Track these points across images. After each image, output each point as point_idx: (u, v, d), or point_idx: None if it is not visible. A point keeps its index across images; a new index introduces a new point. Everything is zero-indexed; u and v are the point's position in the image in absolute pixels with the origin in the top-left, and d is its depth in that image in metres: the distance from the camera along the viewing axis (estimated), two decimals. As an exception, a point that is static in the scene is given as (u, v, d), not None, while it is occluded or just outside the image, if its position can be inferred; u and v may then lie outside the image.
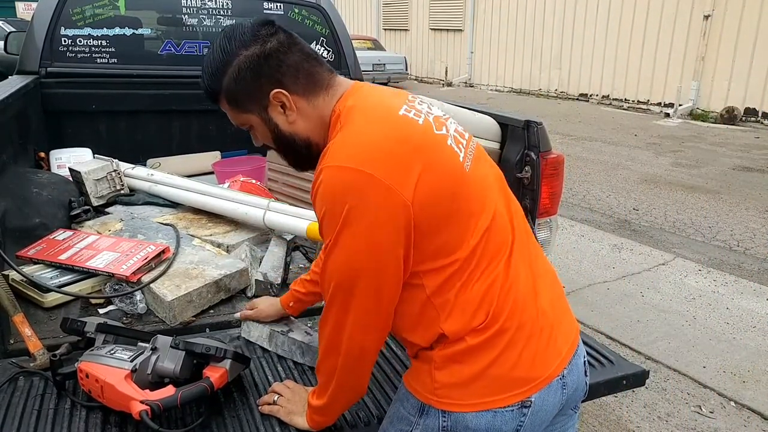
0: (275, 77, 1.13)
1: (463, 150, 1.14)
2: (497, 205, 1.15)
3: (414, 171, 1.03)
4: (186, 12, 3.27)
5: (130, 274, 1.83)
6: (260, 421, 1.36)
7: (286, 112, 1.16)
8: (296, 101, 1.15)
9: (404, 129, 1.08)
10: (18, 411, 1.36)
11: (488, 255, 1.10)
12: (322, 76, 1.16)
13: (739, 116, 10.96)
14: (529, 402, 1.09)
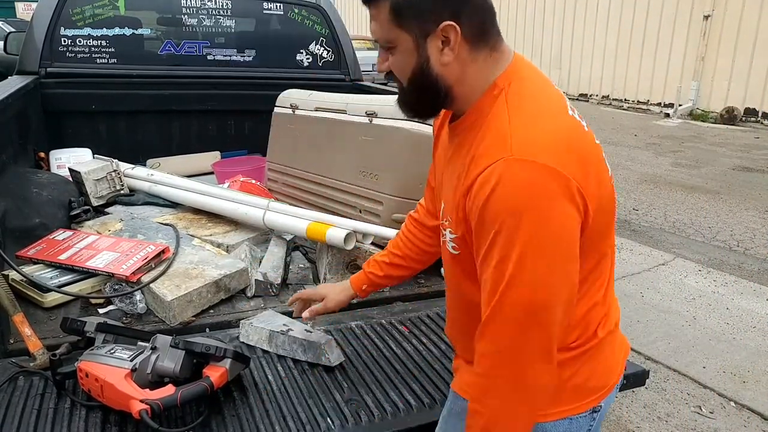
0: (457, 8, 0.96)
1: (607, 162, 1.06)
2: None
3: (592, 179, 0.94)
4: (186, 12, 3.28)
5: (130, 274, 1.83)
6: (260, 421, 1.36)
7: (444, 50, 0.98)
8: (461, 45, 0.98)
9: (580, 132, 0.99)
10: (18, 410, 1.36)
11: (602, 276, 1.10)
12: (493, 33, 1.01)
13: (739, 116, 10.96)
14: (599, 407, 1.13)
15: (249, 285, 1.97)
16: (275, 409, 1.41)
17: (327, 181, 2.46)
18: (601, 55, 13.48)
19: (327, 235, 1.94)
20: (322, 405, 1.42)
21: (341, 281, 1.62)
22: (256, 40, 3.47)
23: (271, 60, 3.45)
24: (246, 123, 3.57)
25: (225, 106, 3.43)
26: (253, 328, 1.70)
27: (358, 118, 2.34)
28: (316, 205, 2.48)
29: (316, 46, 3.56)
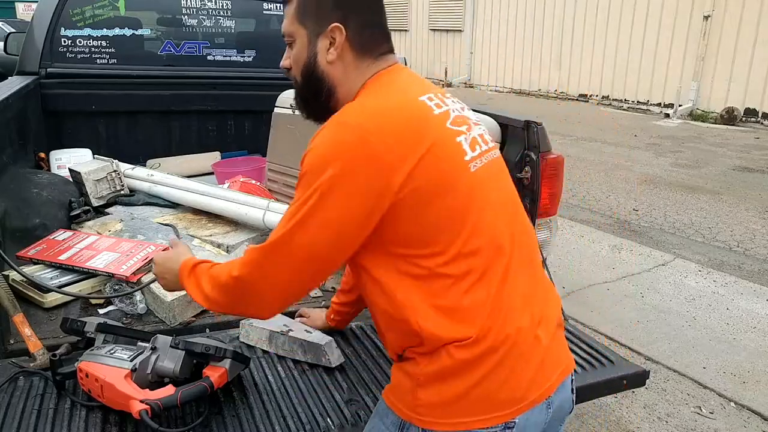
0: (346, 16, 1.12)
1: (477, 152, 1.11)
2: (498, 220, 1.12)
3: (415, 153, 1.00)
4: (186, 13, 3.28)
5: (130, 275, 1.83)
6: (260, 421, 1.36)
7: (330, 49, 1.13)
8: (347, 49, 1.13)
9: (416, 111, 1.07)
10: (18, 411, 1.36)
11: (480, 267, 1.06)
12: (381, 45, 1.16)
13: (739, 117, 10.96)
14: (512, 423, 1.06)
15: (249, 285, 1.97)
16: (275, 410, 1.41)
17: (327, 181, 2.45)
18: (600, 56, 13.48)
19: (327, 236, 1.93)
20: (322, 405, 1.43)
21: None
22: (256, 41, 3.47)
23: (271, 60, 3.44)
24: (246, 123, 3.57)
25: (225, 106, 3.43)
26: (253, 328, 1.70)
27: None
28: (316, 205, 2.48)
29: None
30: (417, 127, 1.04)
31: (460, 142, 1.08)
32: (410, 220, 1.03)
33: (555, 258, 4.26)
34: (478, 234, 1.06)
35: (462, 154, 1.08)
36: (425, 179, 1.01)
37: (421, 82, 1.17)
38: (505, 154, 2.30)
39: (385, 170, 0.99)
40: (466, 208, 1.06)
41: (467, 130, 1.12)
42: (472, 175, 1.08)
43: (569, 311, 2.83)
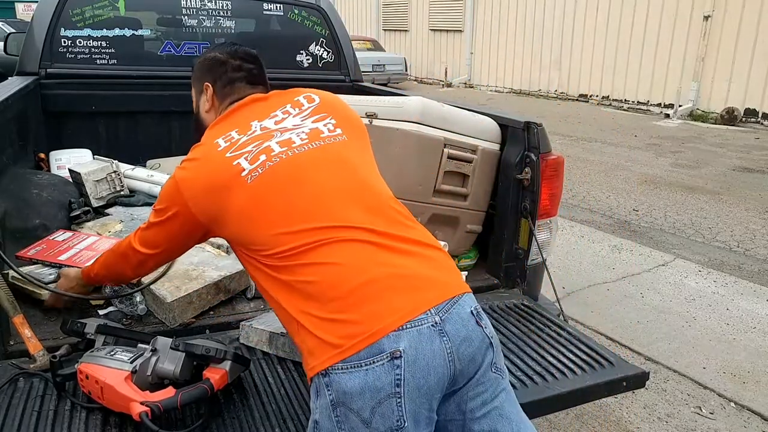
0: (213, 76, 1.59)
1: (264, 158, 1.30)
2: (317, 197, 1.27)
3: (196, 183, 1.33)
4: (186, 13, 3.27)
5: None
6: (260, 423, 1.36)
7: (206, 102, 1.59)
8: (214, 99, 1.58)
9: (203, 153, 1.37)
10: (18, 412, 1.36)
11: (310, 235, 1.20)
12: (240, 93, 1.55)
13: (739, 117, 10.97)
14: (398, 352, 1.09)
15: (249, 286, 1.97)
16: (275, 411, 1.41)
17: (327, 182, 2.45)
18: (600, 56, 13.49)
19: (327, 237, 1.93)
20: (322, 407, 1.42)
21: None
22: (256, 41, 3.46)
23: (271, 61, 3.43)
24: None
25: None
26: (254, 329, 1.70)
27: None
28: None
29: (316, 47, 3.56)
30: (200, 171, 1.34)
31: (238, 164, 1.30)
32: (218, 224, 1.33)
33: (555, 258, 4.26)
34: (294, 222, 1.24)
35: (236, 171, 1.29)
36: (198, 200, 1.32)
37: (238, 118, 1.45)
38: (505, 154, 2.30)
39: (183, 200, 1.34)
40: (268, 206, 1.26)
41: (260, 144, 1.33)
42: (250, 185, 1.28)
43: (569, 311, 2.83)
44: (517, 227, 2.23)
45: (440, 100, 2.34)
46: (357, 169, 1.36)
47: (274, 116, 1.44)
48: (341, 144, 1.40)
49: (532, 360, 1.74)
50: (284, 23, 3.51)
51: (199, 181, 1.33)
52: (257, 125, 1.41)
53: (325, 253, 1.19)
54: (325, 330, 1.13)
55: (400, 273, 1.18)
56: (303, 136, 1.37)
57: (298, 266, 1.19)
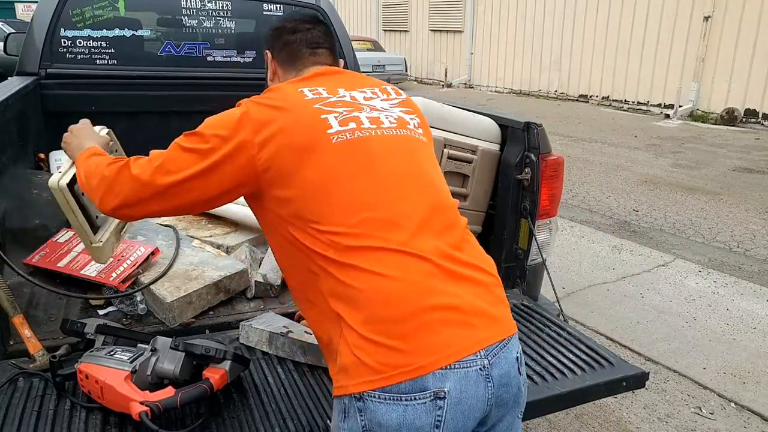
0: (272, 44, 1.49)
1: (354, 126, 1.23)
2: (385, 180, 1.19)
3: (269, 126, 1.19)
4: (186, 13, 3.27)
5: (119, 283, 1.81)
6: (260, 422, 1.36)
7: (268, 67, 1.51)
8: (276, 65, 1.49)
9: (285, 95, 1.27)
10: (18, 412, 1.36)
11: (360, 234, 1.12)
12: (304, 61, 1.44)
13: (739, 117, 10.96)
14: (443, 393, 1.04)
15: (249, 286, 1.97)
16: (275, 411, 1.41)
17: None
18: (601, 57, 13.48)
19: (327, 237, 1.93)
20: (321, 407, 1.43)
21: None
22: (256, 41, 3.46)
23: (271, 61, 3.45)
24: None
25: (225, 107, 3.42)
26: (253, 329, 1.70)
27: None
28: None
29: (316, 47, 3.56)
30: (276, 109, 1.22)
31: (326, 119, 1.22)
32: (280, 185, 1.19)
33: (555, 258, 4.26)
34: (355, 200, 1.16)
35: (323, 126, 1.20)
36: (277, 149, 1.17)
37: (323, 81, 1.34)
38: (505, 155, 2.30)
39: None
40: (336, 174, 1.17)
41: (350, 111, 1.26)
42: (334, 145, 1.19)
43: (569, 312, 2.83)
44: (516, 227, 2.23)
45: (440, 101, 2.34)
46: (431, 174, 1.30)
47: (363, 92, 1.36)
48: (423, 144, 1.34)
49: (532, 360, 1.74)
50: (284, 23, 3.50)
51: (278, 123, 1.18)
52: (346, 93, 1.32)
53: (384, 261, 1.10)
54: (366, 351, 1.06)
55: (455, 305, 1.10)
56: (392, 120, 1.30)
57: (350, 267, 1.10)
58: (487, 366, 1.09)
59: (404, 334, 1.06)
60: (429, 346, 1.06)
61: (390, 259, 1.10)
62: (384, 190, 1.18)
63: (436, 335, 1.07)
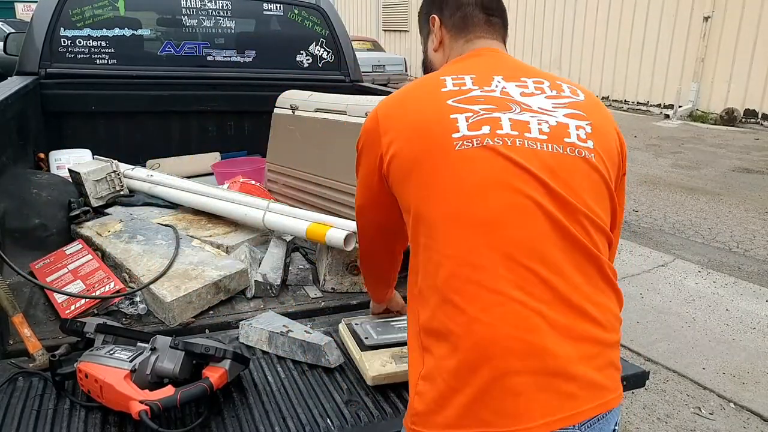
0: (440, 6, 1.29)
1: (487, 131, 1.03)
2: (510, 207, 0.99)
3: (396, 119, 1.12)
4: (185, 13, 3.27)
5: (65, 313, 1.76)
6: (259, 422, 1.36)
7: (433, 38, 1.32)
8: (444, 33, 1.29)
9: (421, 90, 1.15)
10: (17, 411, 1.36)
11: (473, 258, 0.96)
12: (476, 28, 1.26)
13: (738, 118, 10.97)
14: None
15: (249, 286, 1.97)
16: (275, 410, 1.41)
17: (327, 182, 2.46)
18: (600, 57, 13.49)
19: (327, 236, 1.94)
20: (321, 406, 1.42)
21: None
22: (255, 41, 3.47)
23: (271, 61, 3.45)
24: (246, 124, 3.56)
25: (225, 107, 3.43)
26: (253, 329, 1.69)
27: (358, 119, 2.33)
28: (315, 206, 2.48)
29: (316, 47, 3.56)
30: (408, 101, 1.14)
31: (455, 119, 1.06)
32: (398, 188, 1.12)
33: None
34: (476, 217, 0.99)
35: (448, 129, 1.05)
36: (398, 153, 1.09)
37: (479, 65, 1.19)
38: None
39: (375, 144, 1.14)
40: (462, 189, 1.01)
41: (490, 111, 1.06)
42: (456, 153, 1.02)
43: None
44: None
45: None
46: (577, 211, 1.02)
47: (523, 84, 1.13)
48: (581, 163, 1.05)
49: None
50: (284, 23, 3.51)
51: (401, 113, 1.11)
52: (500, 83, 1.12)
53: (484, 302, 0.95)
54: (447, 400, 0.95)
55: (557, 369, 0.93)
56: (544, 128, 1.06)
57: (445, 303, 0.97)
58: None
59: (491, 396, 0.95)
60: (517, 413, 0.93)
61: (496, 307, 0.96)
62: (502, 225, 0.98)
63: (528, 401, 0.93)
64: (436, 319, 0.99)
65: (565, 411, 0.93)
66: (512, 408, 0.93)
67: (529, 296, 0.95)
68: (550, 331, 0.95)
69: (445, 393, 0.96)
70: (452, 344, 0.96)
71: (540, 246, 0.98)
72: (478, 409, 0.94)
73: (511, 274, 0.96)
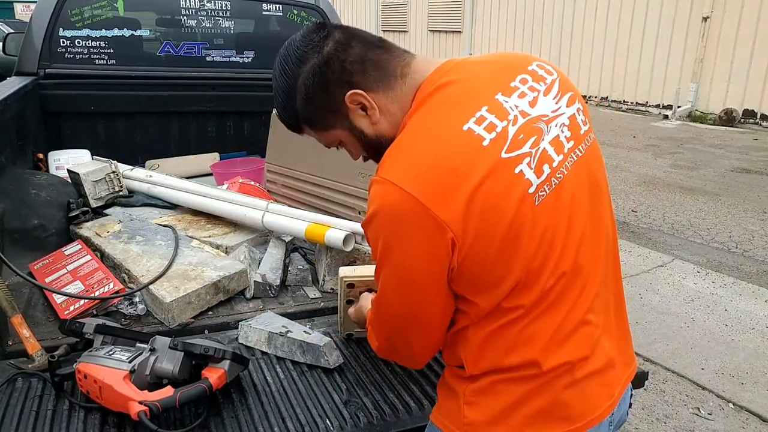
0: (343, 79, 1.02)
1: (547, 173, 0.95)
2: (578, 242, 0.99)
3: (459, 198, 0.89)
4: (185, 13, 3.27)
5: (64, 314, 1.76)
6: (259, 422, 1.36)
7: (368, 113, 1.05)
8: (375, 98, 1.03)
9: (456, 149, 0.93)
10: (16, 412, 1.36)
11: (551, 297, 0.97)
12: (392, 63, 1.04)
13: (737, 118, 10.97)
14: None
15: (248, 286, 1.97)
16: (274, 411, 1.41)
17: (326, 182, 2.46)
18: (599, 57, 13.49)
19: (326, 237, 1.94)
20: (320, 407, 1.42)
21: None
22: (255, 42, 3.46)
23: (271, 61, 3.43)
24: (245, 124, 3.56)
25: (224, 107, 3.43)
26: (252, 329, 1.69)
27: (357, 119, 2.33)
28: (315, 206, 2.48)
29: (315, 48, 3.56)
30: (454, 172, 0.91)
31: (521, 173, 0.93)
32: (478, 269, 0.95)
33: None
34: (552, 267, 0.97)
35: (522, 187, 0.93)
36: (477, 226, 0.90)
37: (470, 92, 0.99)
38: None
39: (431, 227, 0.91)
40: (538, 244, 0.95)
41: (535, 143, 0.95)
42: (539, 209, 0.94)
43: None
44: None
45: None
46: (605, 212, 1.08)
47: (516, 88, 1.00)
48: (596, 154, 1.07)
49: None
50: (283, 24, 3.51)
51: (457, 187, 0.90)
52: (509, 104, 0.97)
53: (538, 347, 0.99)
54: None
55: (601, 368, 1.04)
56: (567, 133, 1.00)
57: (503, 354, 1.00)
58: (614, 412, 1.06)
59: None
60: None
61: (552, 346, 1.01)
62: (566, 261, 0.98)
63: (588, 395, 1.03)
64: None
65: (609, 398, 1.05)
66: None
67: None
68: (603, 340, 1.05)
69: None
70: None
71: (598, 274, 1.06)
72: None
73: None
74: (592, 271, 1.02)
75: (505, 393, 1.01)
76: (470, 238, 0.91)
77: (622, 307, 1.15)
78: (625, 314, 1.16)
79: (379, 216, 0.94)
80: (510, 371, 1.00)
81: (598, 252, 1.04)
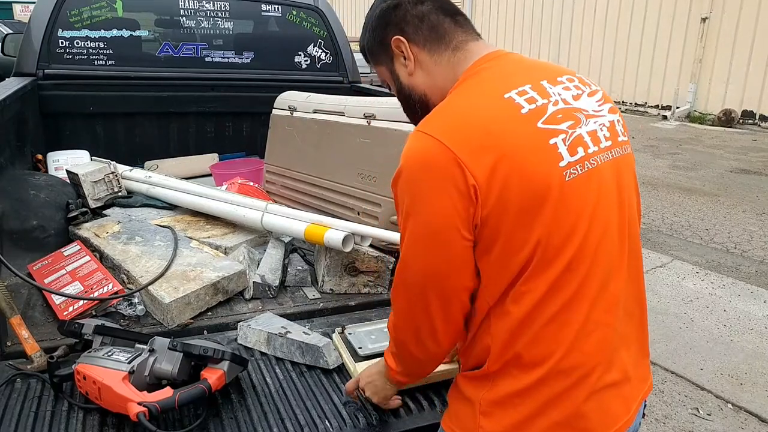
0: (399, 25, 1.12)
1: (580, 155, 0.97)
2: (600, 237, 0.99)
3: (489, 155, 0.92)
4: (184, 14, 3.27)
5: (63, 315, 1.76)
6: (258, 423, 1.36)
7: (405, 62, 1.13)
8: (417, 52, 1.11)
9: (501, 113, 0.96)
10: (15, 413, 1.36)
11: (571, 287, 0.97)
12: (450, 34, 1.10)
13: (736, 119, 10.99)
14: None
15: (247, 287, 1.97)
16: (273, 412, 1.41)
17: (325, 183, 2.46)
18: (598, 58, 13.51)
19: (325, 238, 1.94)
20: (320, 407, 1.42)
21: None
22: (254, 42, 3.47)
23: (269, 62, 3.45)
24: (244, 125, 3.57)
25: (223, 108, 3.43)
26: (251, 330, 1.69)
27: (356, 120, 2.34)
28: (314, 207, 2.48)
29: (315, 48, 3.57)
30: (492, 135, 0.94)
31: (554, 145, 0.95)
32: (496, 235, 0.95)
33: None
34: (572, 254, 0.97)
35: (553, 160, 0.95)
36: (502, 190, 0.92)
37: (515, 72, 1.05)
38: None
39: (458, 178, 0.93)
40: (563, 222, 0.95)
41: (573, 126, 0.98)
42: (568, 185, 0.95)
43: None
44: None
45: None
46: (633, 225, 1.09)
47: (565, 86, 1.05)
48: (630, 166, 1.10)
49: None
50: (282, 24, 3.51)
51: (488, 141, 0.93)
52: (553, 90, 1.02)
53: (565, 335, 0.98)
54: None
55: (618, 381, 1.04)
56: (605, 132, 1.03)
57: (529, 345, 0.99)
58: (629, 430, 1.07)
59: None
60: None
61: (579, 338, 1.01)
62: (592, 258, 0.98)
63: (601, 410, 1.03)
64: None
65: (627, 412, 1.05)
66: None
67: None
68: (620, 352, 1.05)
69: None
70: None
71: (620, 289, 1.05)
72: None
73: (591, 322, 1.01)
74: (612, 272, 1.01)
75: (522, 405, 1.00)
76: (494, 196, 0.92)
77: (644, 323, 1.14)
78: (646, 332, 1.15)
79: (411, 163, 0.97)
80: (529, 368, 0.99)
81: (621, 257, 1.03)
